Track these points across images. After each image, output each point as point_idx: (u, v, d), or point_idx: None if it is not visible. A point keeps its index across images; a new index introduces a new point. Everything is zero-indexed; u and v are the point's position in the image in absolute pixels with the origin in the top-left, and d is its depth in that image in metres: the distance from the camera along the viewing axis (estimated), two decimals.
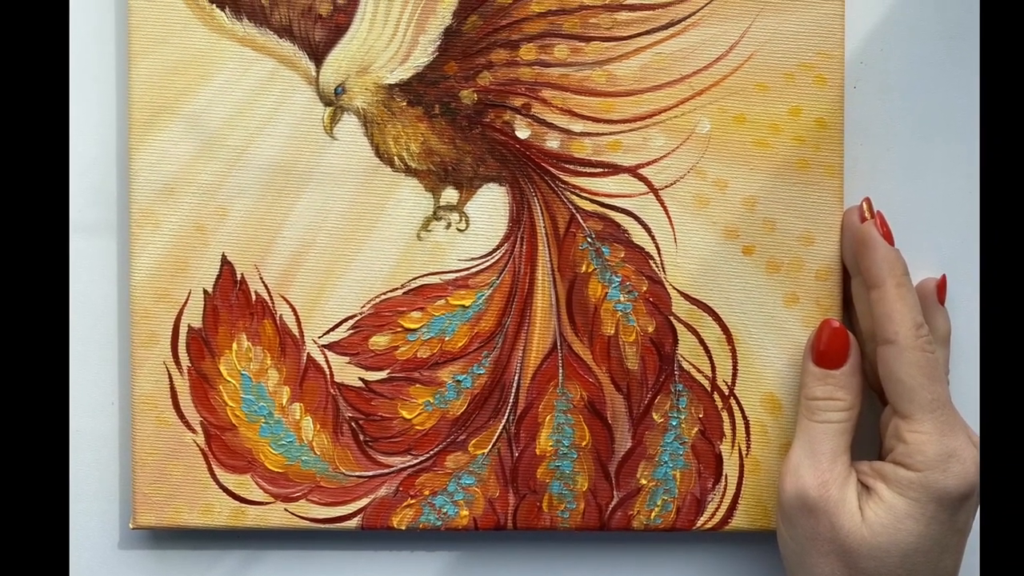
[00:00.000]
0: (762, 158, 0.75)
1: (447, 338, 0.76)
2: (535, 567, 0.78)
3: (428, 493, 0.76)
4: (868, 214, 0.74)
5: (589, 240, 0.76)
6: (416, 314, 0.76)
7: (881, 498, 0.70)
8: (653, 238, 0.76)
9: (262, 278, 0.76)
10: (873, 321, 0.71)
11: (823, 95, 0.75)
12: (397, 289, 0.76)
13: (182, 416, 0.76)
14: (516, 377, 0.76)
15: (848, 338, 0.73)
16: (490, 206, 0.76)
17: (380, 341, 0.76)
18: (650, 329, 0.76)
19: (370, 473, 0.76)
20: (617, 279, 0.76)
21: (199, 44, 0.75)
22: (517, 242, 0.76)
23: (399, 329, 0.76)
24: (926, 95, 0.77)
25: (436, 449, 0.76)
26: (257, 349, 0.76)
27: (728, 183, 0.75)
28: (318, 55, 0.75)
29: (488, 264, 0.76)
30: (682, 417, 0.76)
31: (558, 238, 0.76)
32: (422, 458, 0.76)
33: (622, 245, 0.76)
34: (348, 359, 0.76)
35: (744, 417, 0.76)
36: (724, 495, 0.76)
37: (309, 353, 0.76)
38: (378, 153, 0.75)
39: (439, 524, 0.76)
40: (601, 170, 0.75)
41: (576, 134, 0.75)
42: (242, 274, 0.76)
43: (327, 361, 0.76)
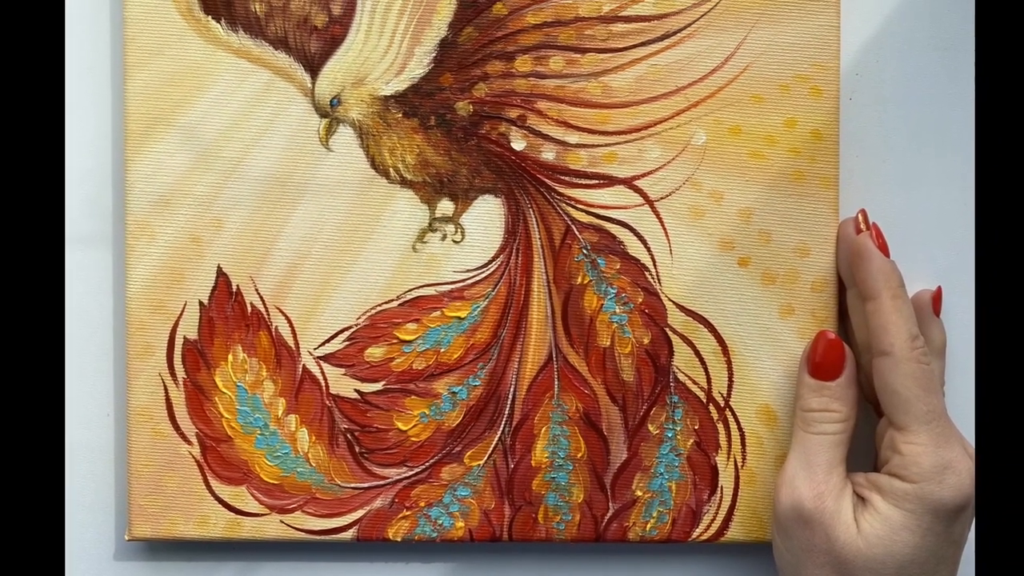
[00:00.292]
0: (758, 170, 0.75)
1: (443, 350, 0.76)
2: None
3: (424, 505, 0.76)
4: (864, 226, 0.74)
5: (585, 252, 0.76)
6: (412, 326, 0.76)
7: (877, 510, 0.70)
8: (649, 250, 0.76)
9: (258, 290, 0.76)
10: (869, 333, 0.71)
11: (819, 107, 0.75)
12: (393, 301, 0.76)
13: (178, 428, 0.76)
14: (512, 389, 0.76)
15: (844, 350, 0.73)
16: (486, 218, 0.76)
17: (376, 353, 0.76)
18: (646, 341, 0.76)
19: (366, 485, 0.76)
20: (613, 291, 0.76)
21: (195, 56, 0.75)
22: (513, 254, 0.76)
23: (395, 341, 0.76)
24: (922, 107, 0.77)
25: (432, 461, 0.76)
26: (253, 361, 0.76)
27: (724, 195, 0.75)
28: (314, 67, 0.75)
29: (484, 276, 0.76)
30: (678, 429, 0.76)
31: (554, 250, 0.76)
32: (418, 470, 0.76)
33: (618, 257, 0.76)
34: (344, 371, 0.76)
35: (740, 428, 0.76)
36: (720, 507, 0.76)
37: (305, 365, 0.76)
38: (374, 165, 0.75)
39: (435, 535, 0.76)
40: (597, 182, 0.75)
41: (572, 146, 0.75)
42: (238, 286, 0.76)
43: (323, 373, 0.76)
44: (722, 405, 0.76)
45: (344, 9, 0.75)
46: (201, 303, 0.76)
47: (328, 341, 0.76)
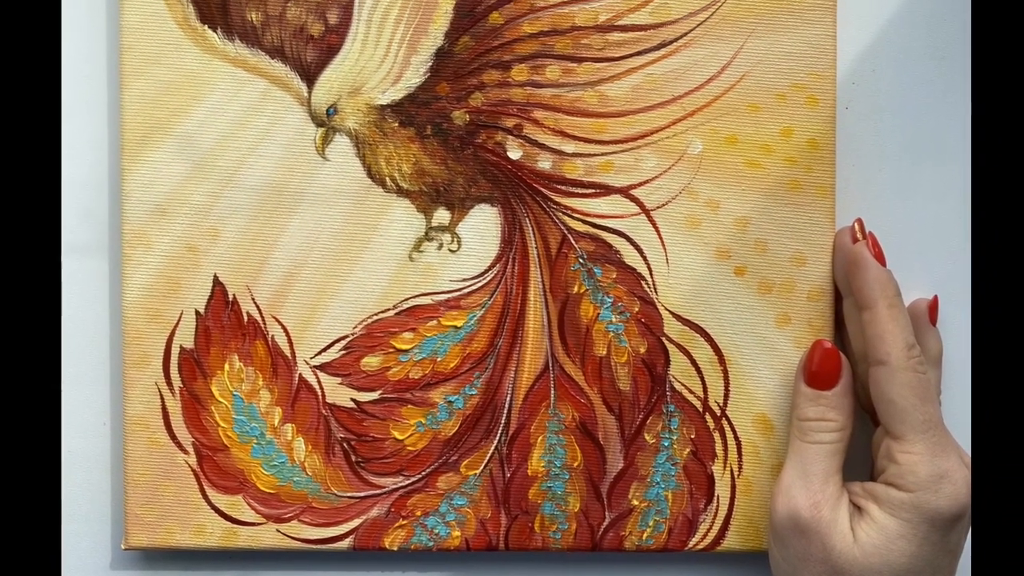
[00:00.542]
0: (754, 179, 0.75)
1: (439, 359, 0.76)
2: None
3: (420, 514, 0.76)
4: (860, 235, 0.74)
5: (581, 261, 0.76)
6: (408, 335, 0.76)
7: (873, 519, 0.70)
8: (645, 259, 0.76)
9: (254, 299, 0.76)
10: (865, 342, 0.71)
11: (815, 116, 0.75)
12: (389, 310, 0.76)
13: (174, 437, 0.76)
14: (508, 398, 0.76)
15: (840, 359, 0.73)
16: (482, 227, 0.76)
17: (372, 362, 0.76)
18: (642, 350, 0.76)
19: (362, 494, 0.76)
20: (609, 300, 0.76)
21: (191, 65, 0.75)
22: (509, 263, 0.76)
23: (391, 350, 0.76)
24: (918, 116, 0.77)
25: (428, 470, 0.76)
26: (249, 370, 0.76)
27: (720, 204, 0.75)
28: (310, 76, 0.75)
29: (480, 285, 0.76)
30: (674, 438, 0.76)
31: (550, 259, 0.76)
32: (414, 479, 0.76)
33: (614, 266, 0.76)
34: (340, 380, 0.76)
35: (736, 438, 0.76)
36: (716, 516, 0.76)
37: (301, 374, 0.76)
38: (370, 174, 0.75)
39: (431, 545, 0.76)
40: (593, 191, 0.75)
41: (568, 155, 0.75)
42: (234, 295, 0.76)
43: (319, 382, 0.76)
44: (718, 414, 0.76)
45: (340, 18, 0.75)
46: (197, 312, 0.76)
47: (324, 350, 0.76)
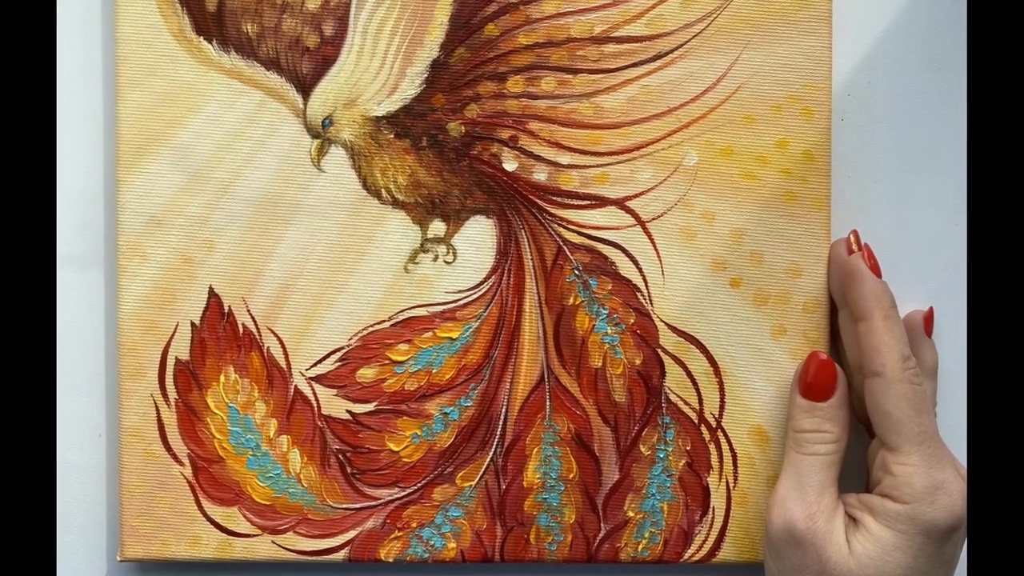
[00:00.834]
0: (749, 190, 0.75)
1: (434, 370, 0.76)
2: None
3: (415, 525, 0.76)
4: (855, 246, 0.74)
5: (576, 272, 0.76)
6: (403, 346, 0.76)
7: (868, 530, 0.70)
8: (640, 270, 0.76)
9: (249, 310, 0.76)
10: (860, 353, 0.71)
11: (810, 127, 0.75)
12: (384, 321, 0.76)
13: (169, 448, 0.76)
14: (503, 409, 0.76)
15: (835, 370, 0.73)
16: (477, 238, 0.76)
17: (367, 373, 0.76)
18: (637, 361, 0.76)
19: (357, 505, 0.76)
20: (604, 311, 0.76)
21: (186, 77, 0.75)
22: (504, 274, 0.76)
23: (386, 361, 0.76)
24: (913, 127, 0.77)
25: (423, 481, 0.76)
26: (244, 381, 0.76)
27: (715, 215, 0.75)
28: (305, 87, 0.75)
29: (475, 296, 0.76)
30: (669, 449, 0.76)
31: (545, 270, 0.76)
32: (409, 490, 0.76)
33: (609, 277, 0.76)
34: (335, 391, 0.76)
35: (731, 449, 0.76)
36: (711, 527, 0.76)
37: (296, 385, 0.76)
38: (365, 185, 0.75)
39: (426, 556, 0.76)
40: (588, 202, 0.75)
41: (563, 166, 0.75)
42: (229, 306, 0.76)
43: (314, 393, 0.76)
44: (714, 426, 0.76)
45: (336, 30, 0.75)
46: (193, 324, 0.76)
47: (320, 362, 0.76)
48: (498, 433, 0.76)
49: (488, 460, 0.76)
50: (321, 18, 0.75)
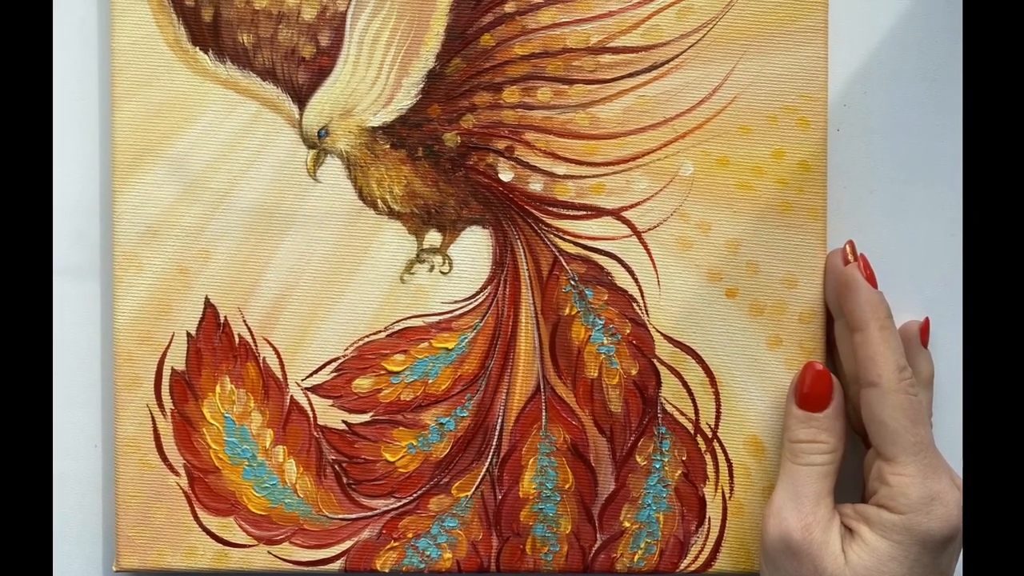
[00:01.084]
0: (745, 201, 0.75)
1: (430, 381, 0.76)
2: None
3: (411, 536, 0.76)
4: (851, 257, 0.74)
5: (572, 283, 0.76)
6: (399, 357, 0.76)
7: (864, 541, 0.70)
8: (636, 281, 0.76)
9: (245, 321, 0.76)
10: (856, 364, 0.71)
11: (806, 138, 0.75)
12: (380, 332, 0.76)
13: (165, 459, 0.76)
14: (499, 420, 0.76)
15: (831, 381, 0.73)
16: (473, 249, 0.76)
17: (363, 384, 0.76)
18: (633, 372, 0.76)
19: (353, 516, 0.76)
20: (600, 322, 0.76)
21: (182, 87, 0.75)
22: (500, 285, 0.76)
23: (382, 372, 0.76)
24: (909, 138, 0.78)
25: (419, 492, 0.76)
26: (240, 392, 0.76)
27: (711, 226, 0.75)
28: (301, 98, 0.75)
29: (471, 307, 0.76)
30: (665, 460, 0.76)
31: (541, 281, 0.76)
32: (405, 501, 0.76)
33: (605, 288, 0.76)
34: (331, 402, 0.76)
35: (727, 460, 0.76)
36: (707, 538, 0.76)
37: (292, 396, 0.76)
38: (361, 196, 0.75)
39: (422, 567, 0.76)
40: (584, 213, 0.75)
41: (559, 177, 0.75)
42: (225, 317, 0.76)
43: (310, 404, 0.76)
44: (710, 436, 0.76)
45: (332, 40, 0.75)
46: (189, 334, 0.76)
47: (316, 372, 0.76)
48: (494, 443, 0.76)
49: (484, 470, 0.76)
50: (317, 28, 0.75)
